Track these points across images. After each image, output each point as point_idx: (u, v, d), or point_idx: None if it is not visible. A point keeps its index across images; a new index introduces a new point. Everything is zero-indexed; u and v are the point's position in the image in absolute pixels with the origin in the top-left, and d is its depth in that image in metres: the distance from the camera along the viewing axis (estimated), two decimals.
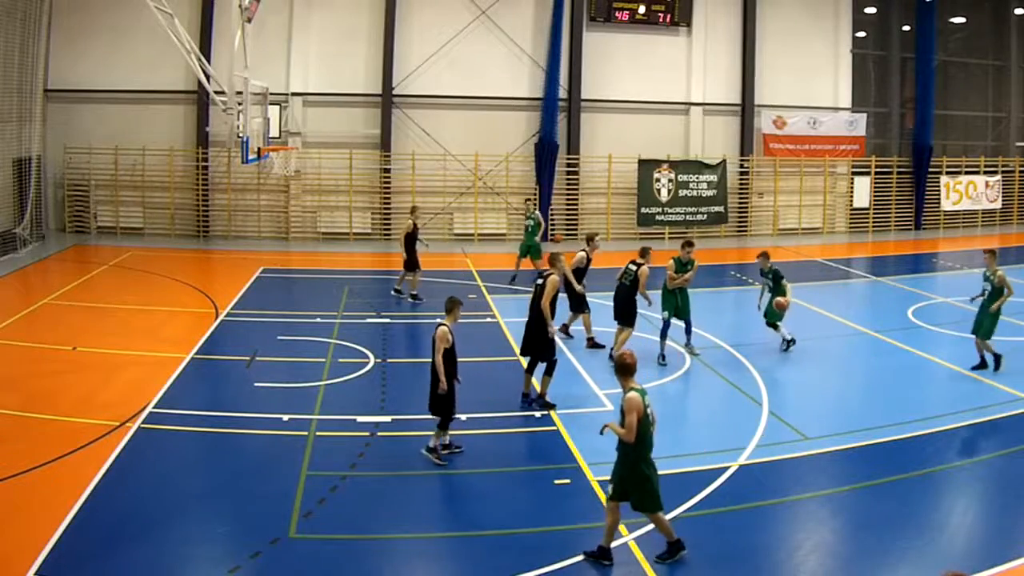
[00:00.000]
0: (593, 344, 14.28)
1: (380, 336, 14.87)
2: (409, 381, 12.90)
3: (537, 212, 20.30)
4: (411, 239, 17.26)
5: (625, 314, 13.33)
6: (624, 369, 7.40)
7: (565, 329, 14.63)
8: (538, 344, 11.31)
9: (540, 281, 11.41)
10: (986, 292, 12.96)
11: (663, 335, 13.63)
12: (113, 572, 7.16)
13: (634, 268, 13.38)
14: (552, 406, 11.13)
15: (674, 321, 13.83)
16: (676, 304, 13.80)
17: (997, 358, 12.82)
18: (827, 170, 29.32)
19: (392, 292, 17.79)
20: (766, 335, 14.33)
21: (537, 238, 19.48)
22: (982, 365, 12.94)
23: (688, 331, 14.00)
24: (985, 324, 12.79)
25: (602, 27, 27.33)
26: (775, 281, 14.22)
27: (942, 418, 10.88)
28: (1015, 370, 12.82)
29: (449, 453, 9.56)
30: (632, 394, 7.26)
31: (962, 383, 12.53)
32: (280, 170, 21.34)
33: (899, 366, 13.57)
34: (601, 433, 7.48)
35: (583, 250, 14.78)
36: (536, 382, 11.43)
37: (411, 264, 17.28)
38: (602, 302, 15.05)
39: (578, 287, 14.24)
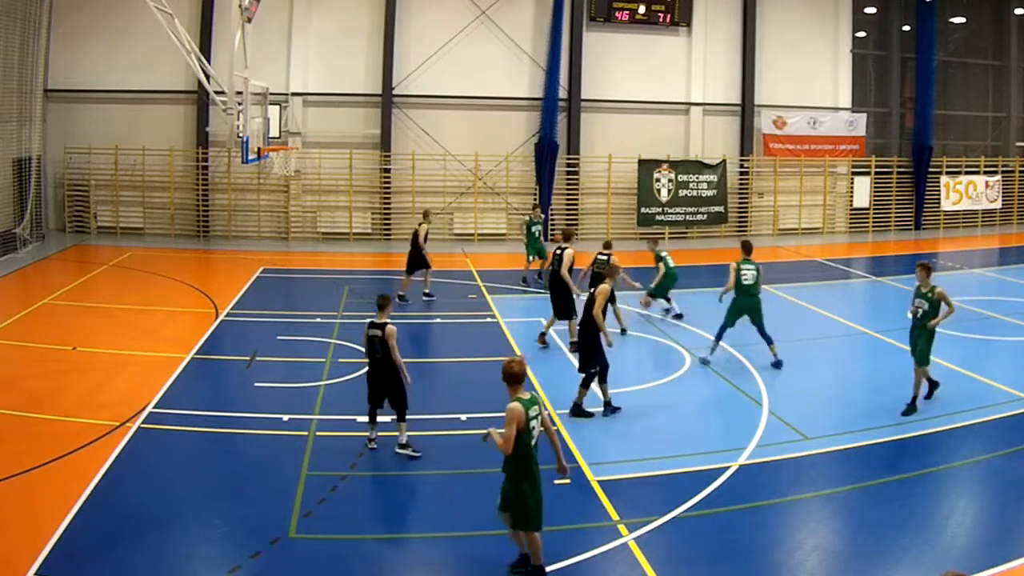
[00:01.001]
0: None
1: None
2: None
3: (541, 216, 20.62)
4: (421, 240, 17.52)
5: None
6: (508, 378, 6.96)
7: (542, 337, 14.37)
8: (585, 353, 10.96)
9: (591, 290, 11.34)
10: (920, 312, 11.43)
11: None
12: (113, 572, 7.16)
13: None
14: (589, 414, 10.89)
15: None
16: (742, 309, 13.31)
17: (932, 385, 11.54)
18: (827, 170, 29.32)
19: (424, 297, 17.65)
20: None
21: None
22: (932, 389, 11.61)
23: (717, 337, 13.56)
24: (920, 346, 11.27)
25: (602, 27, 27.33)
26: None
27: (942, 418, 10.88)
28: (1015, 370, 12.82)
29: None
30: (513, 404, 6.83)
31: (962, 383, 12.52)
32: (280, 170, 21.34)
33: (899, 366, 13.53)
34: (484, 440, 7.09)
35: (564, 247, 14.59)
36: (599, 390, 11.03)
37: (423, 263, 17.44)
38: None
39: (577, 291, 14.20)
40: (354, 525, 8.10)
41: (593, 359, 10.86)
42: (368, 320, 9.77)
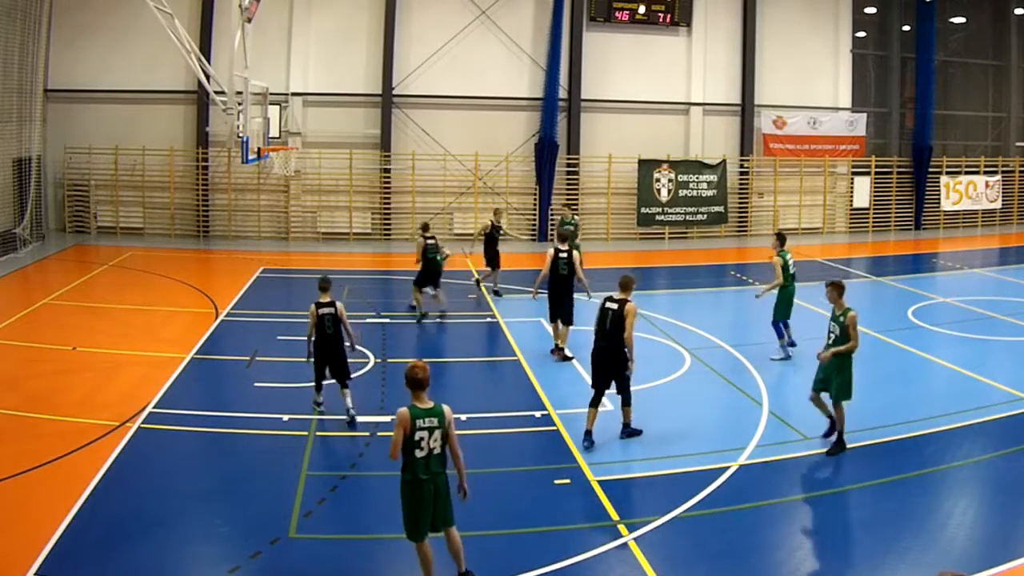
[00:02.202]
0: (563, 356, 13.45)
1: (380, 336, 14.86)
2: None
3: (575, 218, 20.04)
4: (491, 238, 18.13)
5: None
6: (409, 383, 6.68)
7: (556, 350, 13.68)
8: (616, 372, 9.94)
9: (614, 306, 9.89)
10: (832, 337, 9.84)
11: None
12: (113, 572, 7.16)
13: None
14: (638, 432, 10.21)
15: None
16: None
17: (832, 425, 10.03)
18: (827, 170, 29.32)
19: (493, 295, 17.97)
20: (766, 335, 14.32)
21: None
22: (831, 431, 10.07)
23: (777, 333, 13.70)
24: (838, 379, 9.72)
25: (602, 27, 27.34)
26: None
27: (942, 418, 10.87)
28: (1015, 370, 12.82)
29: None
30: (401, 409, 6.64)
31: (962, 383, 12.52)
32: (280, 170, 21.34)
33: (899, 366, 13.56)
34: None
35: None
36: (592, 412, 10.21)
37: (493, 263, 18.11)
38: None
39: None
40: (354, 525, 8.10)
41: (627, 377, 9.98)
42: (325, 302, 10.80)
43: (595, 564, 7.44)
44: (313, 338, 10.67)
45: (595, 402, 9.96)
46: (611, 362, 9.82)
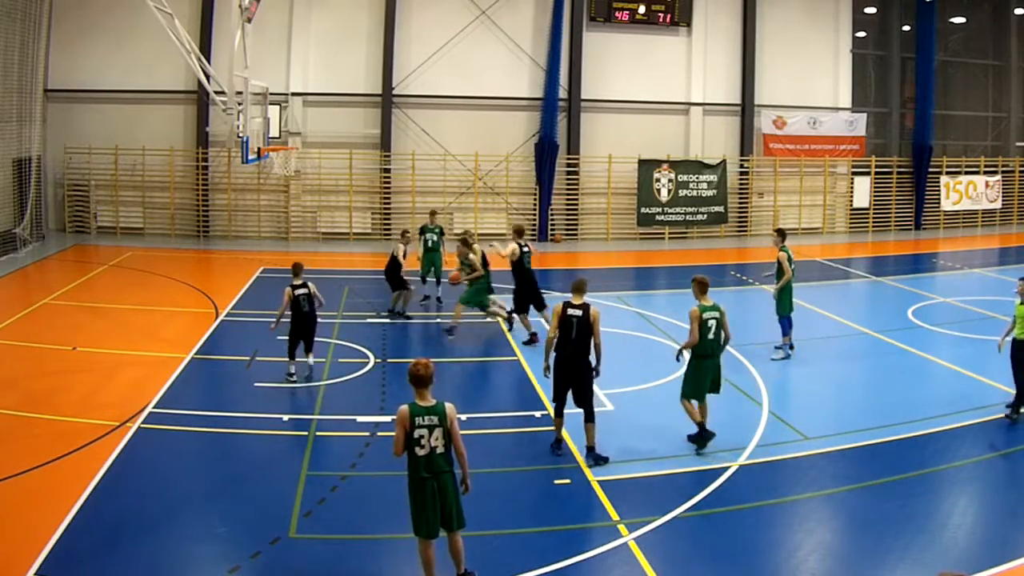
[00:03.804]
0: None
1: (380, 336, 14.87)
2: None
3: None
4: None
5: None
6: (412, 380, 6.68)
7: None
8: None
9: (578, 313, 9.35)
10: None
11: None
12: (113, 572, 7.16)
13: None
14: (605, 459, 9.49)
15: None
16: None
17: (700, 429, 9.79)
18: (827, 170, 29.32)
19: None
20: (766, 335, 14.31)
21: None
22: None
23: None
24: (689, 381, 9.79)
25: (602, 27, 27.34)
26: None
27: (942, 418, 10.87)
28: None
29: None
30: (401, 407, 6.67)
31: (962, 383, 12.52)
32: (280, 170, 21.33)
33: (899, 366, 13.56)
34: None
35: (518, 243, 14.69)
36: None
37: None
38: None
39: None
40: (354, 525, 8.09)
41: (591, 388, 9.65)
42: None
43: (595, 564, 7.44)
44: (289, 315, 12.00)
45: (560, 412, 9.70)
46: (577, 371, 9.43)
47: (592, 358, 9.46)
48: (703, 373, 9.74)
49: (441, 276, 17.17)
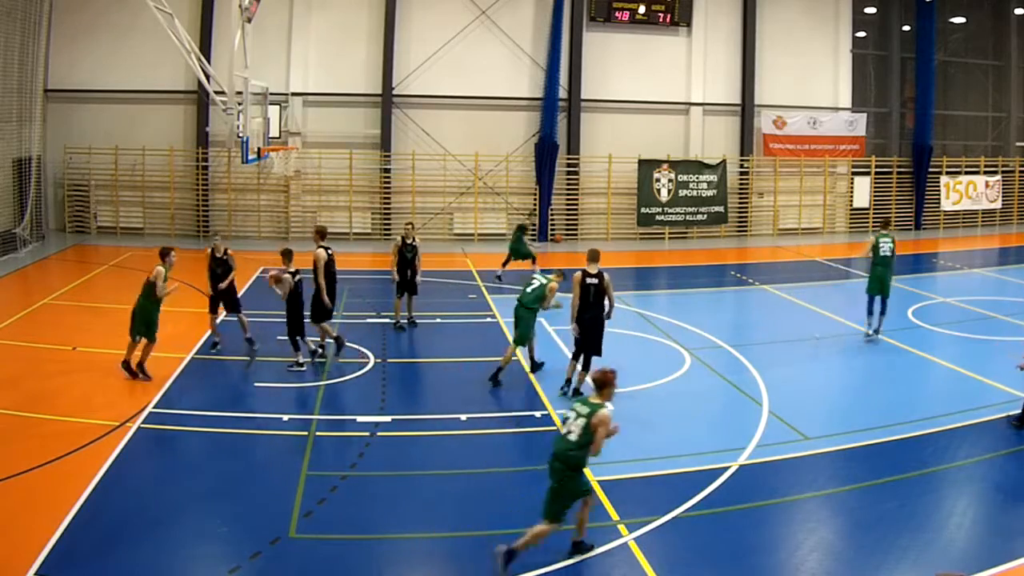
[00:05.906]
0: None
1: (380, 336, 14.87)
2: (409, 381, 12.93)
3: None
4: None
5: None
6: (601, 384, 7.67)
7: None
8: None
9: (595, 280, 11.34)
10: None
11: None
12: (113, 572, 7.16)
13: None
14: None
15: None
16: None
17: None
18: (827, 170, 29.32)
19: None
20: (766, 335, 14.32)
21: None
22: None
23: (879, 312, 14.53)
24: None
25: (602, 27, 27.34)
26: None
27: (942, 418, 10.87)
28: (1015, 370, 12.78)
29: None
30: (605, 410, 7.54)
31: (962, 383, 12.52)
32: (280, 170, 21.35)
33: (899, 366, 13.57)
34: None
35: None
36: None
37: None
38: None
39: None
40: (354, 525, 8.09)
41: (599, 346, 11.61)
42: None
43: (595, 564, 7.45)
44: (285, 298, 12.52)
45: (577, 356, 11.51)
46: (594, 329, 11.35)
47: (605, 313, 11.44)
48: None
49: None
